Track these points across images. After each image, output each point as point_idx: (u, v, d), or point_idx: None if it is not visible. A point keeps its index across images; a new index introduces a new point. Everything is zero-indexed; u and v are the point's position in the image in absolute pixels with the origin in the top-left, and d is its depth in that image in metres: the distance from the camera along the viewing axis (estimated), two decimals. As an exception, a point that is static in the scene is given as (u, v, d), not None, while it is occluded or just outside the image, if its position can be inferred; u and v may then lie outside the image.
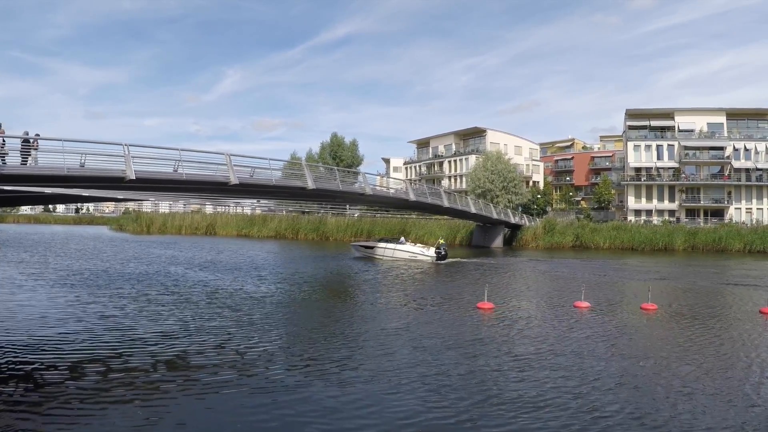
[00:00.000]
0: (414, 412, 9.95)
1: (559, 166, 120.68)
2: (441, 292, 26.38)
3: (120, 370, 12.16)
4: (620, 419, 9.68)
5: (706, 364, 13.61)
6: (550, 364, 13.28)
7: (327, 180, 40.82)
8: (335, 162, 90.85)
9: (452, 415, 9.83)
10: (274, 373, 12.22)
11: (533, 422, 9.52)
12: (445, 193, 55.15)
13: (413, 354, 14.08)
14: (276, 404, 10.21)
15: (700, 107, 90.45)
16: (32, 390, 10.72)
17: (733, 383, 11.98)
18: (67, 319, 17.72)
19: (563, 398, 10.75)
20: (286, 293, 25.28)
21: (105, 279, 28.21)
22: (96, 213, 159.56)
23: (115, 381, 11.36)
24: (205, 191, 36.55)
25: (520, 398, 10.72)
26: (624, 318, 20.21)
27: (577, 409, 10.17)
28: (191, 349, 14.18)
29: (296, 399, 10.52)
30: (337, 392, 10.94)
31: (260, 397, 10.57)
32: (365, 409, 10.10)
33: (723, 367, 13.39)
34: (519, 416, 9.77)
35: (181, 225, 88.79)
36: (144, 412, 9.68)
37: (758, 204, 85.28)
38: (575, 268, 40.64)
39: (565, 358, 13.98)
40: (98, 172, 24.60)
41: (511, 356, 14.11)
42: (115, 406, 9.91)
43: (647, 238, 66.29)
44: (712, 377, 12.42)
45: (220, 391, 10.84)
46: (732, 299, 25.55)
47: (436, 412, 9.94)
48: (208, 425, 9.28)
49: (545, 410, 10.08)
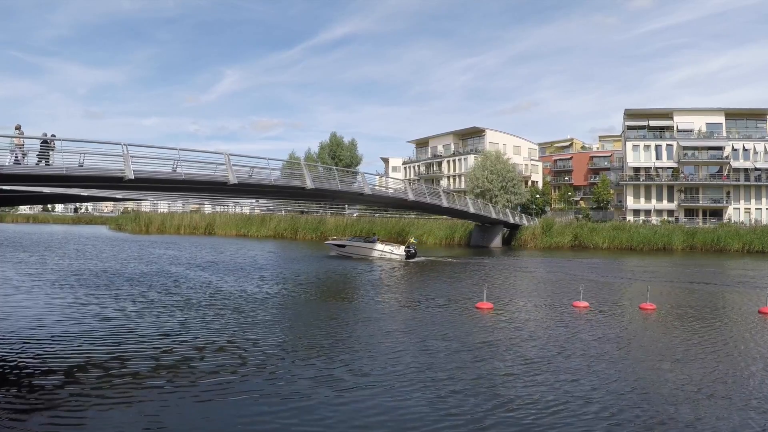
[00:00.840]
0: (412, 413, 9.94)
1: (558, 166, 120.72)
2: (440, 291, 26.36)
3: (117, 371, 12.16)
4: (619, 420, 9.69)
5: (706, 364, 13.62)
6: (548, 364, 13.28)
7: (326, 180, 40.84)
8: (334, 162, 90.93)
9: (453, 415, 9.84)
10: (274, 375, 12.24)
11: (532, 422, 9.52)
12: (443, 193, 55.11)
13: (413, 355, 14.08)
14: (274, 407, 10.21)
15: (699, 107, 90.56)
16: (28, 392, 10.70)
17: (732, 383, 11.99)
18: (65, 320, 17.72)
19: (561, 398, 10.75)
20: (283, 293, 25.31)
21: (104, 279, 28.21)
22: (95, 212, 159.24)
23: (112, 383, 11.35)
24: (203, 191, 36.54)
25: (518, 398, 10.72)
26: (622, 318, 20.22)
27: (575, 409, 10.17)
28: (189, 351, 14.17)
29: (294, 400, 10.53)
30: (336, 394, 10.94)
31: (260, 400, 10.58)
32: (365, 411, 10.09)
33: (723, 366, 13.38)
34: (518, 417, 9.78)
35: (180, 225, 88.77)
36: (142, 414, 9.67)
37: (757, 204, 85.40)
38: (574, 267, 40.65)
39: (564, 358, 13.99)
40: (97, 172, 24.56)
41: (510, 356, 14.12)
42: (113, 409, 9.90)
43: (646, 238, 66.27)
44: (712, 377, 12.42)
45: (218, 394, 10.85)
46: (731, 299, 25.56)
47: (436, 413, 9.94)
48: (208, 428, 9.28)
49: (543, 410, 10.08)
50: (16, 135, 23.74)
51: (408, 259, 44.33)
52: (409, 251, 45.04)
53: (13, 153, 23.22)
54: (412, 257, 44.70)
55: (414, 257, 44.82)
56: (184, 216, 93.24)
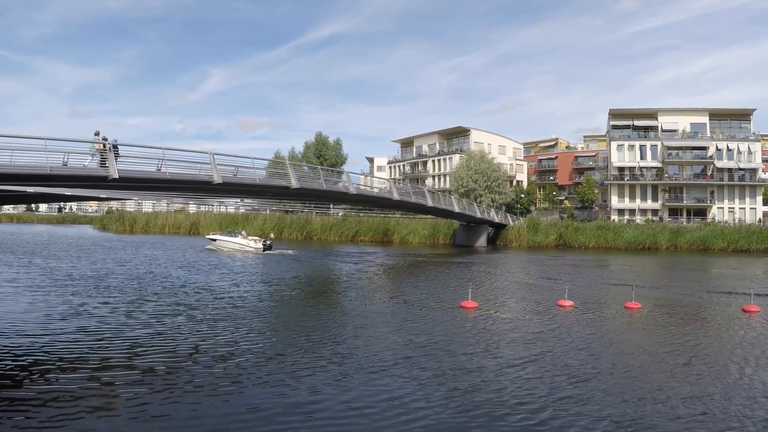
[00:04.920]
0: (395, 413, 9.92)
1: (543, 166, 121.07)
2: (425, 291, 26.35)
3: (102, 372, 12.06)
4: (601, 418, 9.72)
5: (690, 361, 13.73)
6: (533, 363, 13.30)
7: (311, 179, 40.83)
8: (319, 161, 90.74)
9: (437, 414, 9.84)
10: (260, 375, 12.18)
11: (517, 421, 9.54)
12: (429, 193, 55.26)
13: (397, 354, 14.03)
14: (257, 405, 10.16)
15: (683, 108, 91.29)
16: (20, 393, 10.63)
17: (716, 381, 12.08)
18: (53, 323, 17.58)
19: (546, 397, 10.78)
20: (267, 293, 25.24)
21: (92, 281, 28.01)
22: (79, 212, 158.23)
23: (98, 385, 11.27)
24: (188, 190, 36.41)
25: (501, 397, 10.72)
26: (607, 317, 20.35)
27: (560, 407, 10.19)
28: (179, 351, 14.10)
29: (278, 399, 10.49)
30: (318, 394, 10.91)
31: (246, 399, 10.55)
32: (348, 409, 10.05)
33: (706, 364, 13.50)
34: (502, 415, 9.78)
35: (165, 224, 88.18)
36: (131, 416, 9.62)
37: (740, 204, 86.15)
38: (559, 267, 40.82)
39: (548, 357, 14.02)
40: (81, 171, 24.44)
41: (495, 355, 14.15)
42: (98, 412, 9.83)
43: (631, 238, 66.70)
44: (696, 375, 12.52)
45: (202, 393, 10.80)
46: (716, 298, 25.73)
47: (420, 412, 9.92)
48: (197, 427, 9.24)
49: (528, 409, 10.10)
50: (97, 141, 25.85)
51: (265, 251, 50.19)
52: (266, 244, 51.26)
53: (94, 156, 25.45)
54: (269, 249, 50.72)
55: (270, 249, 50.80)
56: (169, 216, 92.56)
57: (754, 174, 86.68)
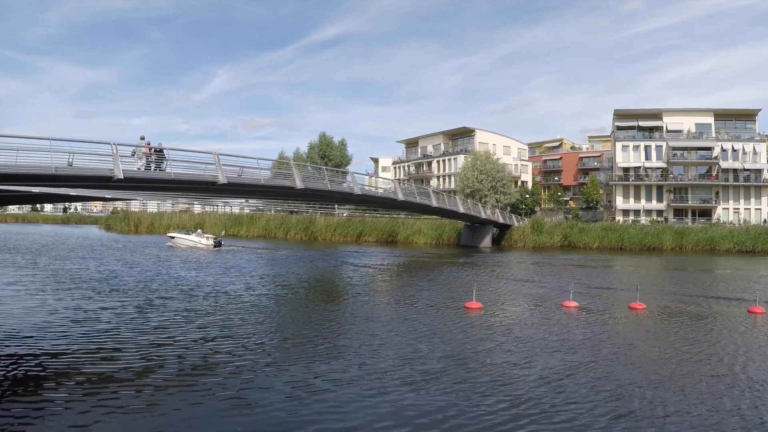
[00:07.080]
0: (399, 413, 9.92)
1: (548, 166, 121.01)
2: (429, 291, 26.33)
3: (107, 373, 12.10)
4: (606, 418, 9.71)
5: (695, 363, 13.69)
6: (537, 364, 13.29)
7: (315, 179, 40.76)
8: (324, 162, 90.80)
9: (441, 414, 9.82)
10: (264, 376, 12.19)
11: (522, 421, 9.53)
12: (433, 193, 55.16)
13: (401, 355, 14.02)
14: (257, 405, 10.17)
15: (688, 108, 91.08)
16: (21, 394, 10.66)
17: (720, 382, 12.05)
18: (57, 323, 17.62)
19: (550, 397, 10.76)
20: (272, 294, 25.25)
21: (98, 282, 28.06)
22: (84, 212, 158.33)
23: (102, 385, 11.30)
24: (193, 191, 36.47)
25: (505, 398, 10.71)
26: (612, 317, 20.29)
27: (565, 407, 10.18)
28: (182, 352, 14.11)
29: (278, 399, 10.50)
30: (321, 394, 10.91)
31: (246, 399, 10.55)
32: (352, 410, 10.05)
33: (711, 366, 13.45)
34: (507, 416, 9.78)
35: (170, 224, 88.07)
36: (133, 416, 9.63)
37: (745, 204, 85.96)
38: (563, 267, 40.75)
39: (553, 358, 14.00)
40: (86, 172, 24.45)
41: (499, 356, 14.12)
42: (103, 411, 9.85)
43: (636, 238, 66.53)
44: (700, 376, 12.48)
45: (204, 394, 10.81)
46: (721, 299, 25.63)
47: (424, 413, 9.91)
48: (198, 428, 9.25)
49: (532, 409, 10.09)
50: (143, 145, 27.86)
51: (215, 247, 54.43)
52: (217, 241, 55.99)
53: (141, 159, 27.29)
54: (219, 245, 55.07)
55: (220, 245, 55.21)
56: (174, 216, 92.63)
57: (759, 174, 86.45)
